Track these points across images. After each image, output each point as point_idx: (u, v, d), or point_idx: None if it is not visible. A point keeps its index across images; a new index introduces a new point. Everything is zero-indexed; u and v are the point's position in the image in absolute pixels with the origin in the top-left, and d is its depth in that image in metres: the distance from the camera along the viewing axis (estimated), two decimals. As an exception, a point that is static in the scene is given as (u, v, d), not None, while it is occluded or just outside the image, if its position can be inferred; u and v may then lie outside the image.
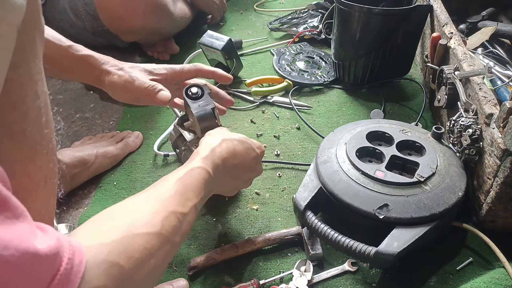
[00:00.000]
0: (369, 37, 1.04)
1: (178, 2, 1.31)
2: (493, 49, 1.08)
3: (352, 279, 0.70)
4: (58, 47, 0.71)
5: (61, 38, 0.72)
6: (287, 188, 0.87)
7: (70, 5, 1.21)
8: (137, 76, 0.74)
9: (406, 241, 0.63)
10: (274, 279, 0.70)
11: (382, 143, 0.81)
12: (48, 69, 0.76)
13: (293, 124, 1.04)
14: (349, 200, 0.69)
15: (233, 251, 0.73)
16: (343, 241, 0.65)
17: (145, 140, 1.02)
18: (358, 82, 1.13)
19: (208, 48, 1.15)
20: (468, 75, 0.76)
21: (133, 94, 0.75)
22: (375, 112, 1.02)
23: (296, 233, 0.75)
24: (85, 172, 0.89)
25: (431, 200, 0.68)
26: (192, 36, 1.41)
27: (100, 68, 0.74)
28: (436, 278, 0.70)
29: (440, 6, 1.00)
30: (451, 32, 0.90)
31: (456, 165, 0.75)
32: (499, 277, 0.65)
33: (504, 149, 0.63)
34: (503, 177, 0.65)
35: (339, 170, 0.73)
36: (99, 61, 0.75)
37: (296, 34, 1.36)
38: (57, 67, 0.74)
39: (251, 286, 0.68)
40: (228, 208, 0.84)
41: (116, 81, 0.74)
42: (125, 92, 0.75)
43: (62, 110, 1.14)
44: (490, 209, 0.71)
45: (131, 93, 0.75)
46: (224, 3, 1.51)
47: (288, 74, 1.19)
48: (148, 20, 1.18)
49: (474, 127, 0.71)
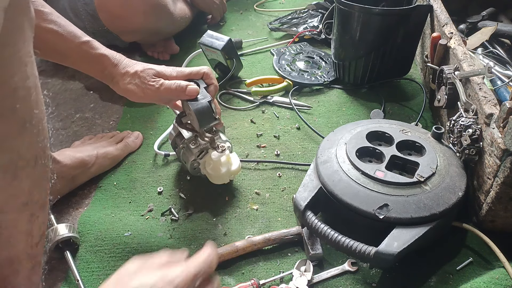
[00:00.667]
0: (369, 37, 1.04)
1: (178, 2, 1.31)
2: (493, 49, 1.08)
3: (352, 279, 0.70)
4: (70, 43, 0.72)
5: (77, 33, 0.73)
6: (287, 188, 0.87)
7: (70, 5, 1.21)
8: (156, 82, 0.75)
9: (406, 241, 0.63)
10: (274, 279, 0.70)
11: (382, 143, 0.81)
12: (58, 60, 0.77)
13: (293, 124, 1.04)
14: (349, 200, 0.69)
15: (233, 251, 0.73)
16: (343, 241, 0.65)
17: (145, 140, 1.02)
18: (358, 82, 1.13)
19: (208, 48, 1.15)
20: (468, 75, 0.76)
21: (153, 98, 0.76)
22: (375, 112, 1.02)
23: (296, 233, 0.75)
24: (85, 173, 0.89)
25: (431, 200, 0.68)
26: (192, 36, 1.41)
27: (111, 70, 0.75)
28: (436, 278, 0.70)
29: (440, 6, 1.00)
30: (451, 32, 0.90)
31: (456, 165, 0.75)
32: (499, 277, 0.65)
33: (504, 149, 0.63)
34: (503, 177, 0.65)
35: (339, 170, 0.73)
36: (112, 62, 0.75)
37: (296, 34, 1.36)
38: (68, 62, 0.75)
39: (251, 286, 0.68)
40: (228, 208, 0.84)
41: (132, 89, 0.75)
42: (144, 97, 0.76)
43: (62, 110, 1.14)
44: (490, 209, 0.71)
45: (150, 97, 0.76)
46: (224, 3, 1.51)
47: (288, 74, 1.19)
48: (148, 20, 1.18)
49: (474, 127, 0.71)
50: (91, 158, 0.89)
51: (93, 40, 0.75)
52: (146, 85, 0.75)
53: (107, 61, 0.75)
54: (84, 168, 0.88)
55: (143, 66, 0.77)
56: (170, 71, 0.78)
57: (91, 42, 0.74)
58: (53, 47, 0.72)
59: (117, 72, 0.76)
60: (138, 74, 0.75)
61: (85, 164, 0.88)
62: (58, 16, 0.72)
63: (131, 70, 0.76)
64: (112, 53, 0.76)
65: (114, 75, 0.76)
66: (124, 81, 0.76)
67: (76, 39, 0.72)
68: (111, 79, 0.76)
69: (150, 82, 0.75)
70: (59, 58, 0.75)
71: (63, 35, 0.71)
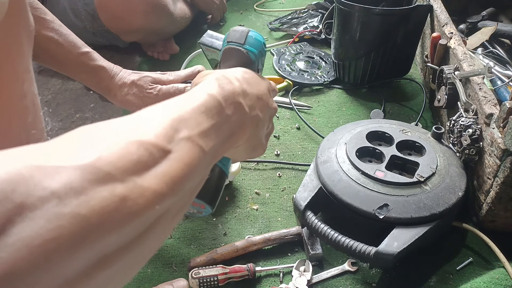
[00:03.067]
0: (369, 37, 1.04)
1: (178, 2, 1.31)
2: (493, 49, 1.08)
3: (352, 279, 0.70)
4: (69, 53, 0.71)
5: (77, 43, 0.72)
6: (287, 188, 0.87)
7: (70, 5, 1.21)
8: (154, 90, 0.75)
9: (406, 241, 0.64)
10: (271, 268, 0.71)
11: (382, 143, 0.81)
12: (56, 69, 0.76)
13: (293, 124, 1.04)
14: (349, 200, 0.69)
15: (233, 251, 0.73)
16: (343, 241, 0.65)
17: (145, 140, 1.01)
18: (358, 82, 1.13)
19: (208, 48, 1.14)
20: (468, 75, 0.76)
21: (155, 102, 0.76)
22: (375, 112, 1.02)
23: (296, 233, 0.75)
24: None
25: (431, 200, 0.68)
26: (192, 36, 1.41)
27: (108, 82, 0.75)
28: (436, 278, 0.70)
29: (440, 6, 1.00)
30: (451, 32, 0.90)
31: (456, 165, 0.75)
32: (499, 277, 0.65)
33: (504, 149, 0.63)
34: (503, 177, 0.65)
35: (339, 170, 0.73)
36: (109, 74, 0.75)
37: (296, 34, 1.35)
38: (66, 71, 0.74)
39: (247, 269, 0.69)
40: (228, 208, 0.84)
41: (131, 100, 0.75)
42: (143, 106, 0.75)
43: (62, 110, 1.14)
44: (490, 209, 0.71)
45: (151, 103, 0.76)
46: (224, 3, 1.51)
47: (288, 74, 1.19)
48: (148, 20, 1.18)
49: (474, 127, 0.71)
50: None
51: (93, 51, 0.74)
52: (144, 93, 0.74)
53: (104, 73, 0.74)
54: None
55: (139, 75, 0.77)
56: (167, 76, 0.78)
57: (90, 53, 0.73)
58: (52, 55, 0.71)
59: (114, 84, 0.75)
60: (136, 83, 0.75)
61: None
62: (60, 25, 0.71)
63: (127, 81, 0.75)
64: (109, 65, 0.76)
65: (111, 88, 0.75)
66: (122, 93, 0.75)
67: (76, 49, 0.72)
68: (108, 91, 0.76)
69: (148, 90, 0.74)
70: (57, 67, 0.74)
71: (63, 45, 0.70)
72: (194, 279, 0.68)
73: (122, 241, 0.25)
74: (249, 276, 0.69)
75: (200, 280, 0.68)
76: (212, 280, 0.68)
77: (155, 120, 0.32)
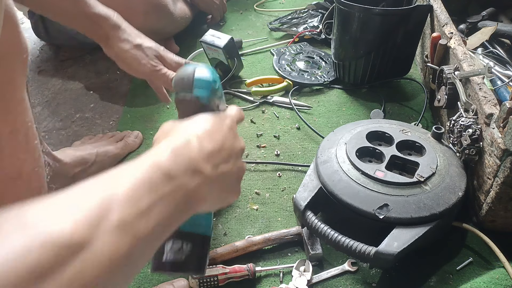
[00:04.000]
0: (369, 37, 1.04)
1: (178, 2, 1.31)
2: (493, 49, 1.08)
3: (352, 279, 0.70)
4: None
5: None
6: (287, 188, 0.87)
7: (70, 5, 1.21)
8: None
9: (406, 241, 0.64)
10: (271, 268, 0.71)
11: (382, 143, 0.81)
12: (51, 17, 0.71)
13: (293, 124, 1.04)
14: (349, 200, 0.69)
15: (233, 251, 0.73)
16: (343, 241, 0.65)
17: (145, 140, 1.02)
18: (358, 82, 1.13)
19: (210, 46, 1.15)
20: (468, 75, 0.76)
21: (145, 75, 0.75)
22: (375, 112, 1.02)
23: (296, 233, 0.75)
24: (86, 172, 0.89)
25: (431, 200, 0.68)
26: (192, 36, 1.41)
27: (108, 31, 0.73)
28: (436, 278, 0.70)
29: (440, 6, 1.00)
30: (451, 32, 0.90)
31: (456, 165, 0.75)
32: (499, 277, 0.65)
33: (504, 149, 0.63)
34: (503, 177, 0.65)
35: (339, 170, 0.73)
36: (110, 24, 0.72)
37: (296, 34, 1.35)
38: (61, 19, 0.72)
39: (247, 269, 0.69)
40: (228, 208, 0.84)
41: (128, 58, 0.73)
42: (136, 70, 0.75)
43: (62, 110, 1.14)
44: (490, 209, 0.71)
45: (142, 74, 0.75)
46: (224, 3, 1.51)
47: (288, 74, 1.19)
48: (148, 20, 1.17)
49: (474, 127, 0.71)
50: (91, 156, 0.90)
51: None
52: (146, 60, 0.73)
53: (103, 22, 0.71)
54: (85, 166, 0.88)
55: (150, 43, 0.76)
56: (169, 60, 0.78)
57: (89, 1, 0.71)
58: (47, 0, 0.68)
59: (115, 36, 0.73)
60: (143, 48, 0.74)
61: (85, 162, 0.88)
62: None
63: (133, 41, 0.74)
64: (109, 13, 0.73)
65: (110, 37, 0.73)
66: (122, 48, 0.73)
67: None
68: (106, 40, 0.73)
69: (151, 61, 0.74)
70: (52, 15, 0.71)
71: None
72: (194, 279, 0.68)
73: None
74: (249, 276, 0.69)
75: (200, 280, 0.68)
76: (212, 280, 0.68)
77: (83, 199, 0.28)
